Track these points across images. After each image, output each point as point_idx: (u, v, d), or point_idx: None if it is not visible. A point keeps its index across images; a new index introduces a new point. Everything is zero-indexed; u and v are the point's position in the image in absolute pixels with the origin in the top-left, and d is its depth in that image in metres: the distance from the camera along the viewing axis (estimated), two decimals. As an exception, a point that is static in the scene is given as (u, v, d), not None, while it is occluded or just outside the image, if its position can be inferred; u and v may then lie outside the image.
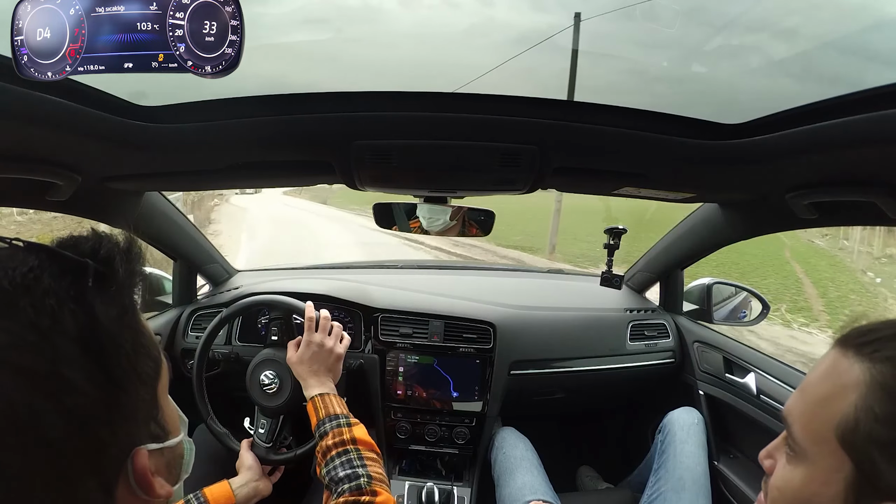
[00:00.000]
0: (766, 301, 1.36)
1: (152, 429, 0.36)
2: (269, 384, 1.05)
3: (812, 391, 0.44)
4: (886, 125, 0.51)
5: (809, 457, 0.42)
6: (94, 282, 0.32)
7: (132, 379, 0.33)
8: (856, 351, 0.41)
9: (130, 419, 0.33)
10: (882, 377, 0.38)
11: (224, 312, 1.11)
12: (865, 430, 0.38)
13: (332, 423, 0.80)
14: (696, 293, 1.46)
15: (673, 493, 1.01)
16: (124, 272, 0.35)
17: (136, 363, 0.34)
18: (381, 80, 0.64)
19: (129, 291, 0.36)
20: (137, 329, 0.35)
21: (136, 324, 0.36)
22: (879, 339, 0.40)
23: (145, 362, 0.35)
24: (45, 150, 0.66)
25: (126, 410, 0.33)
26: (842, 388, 0.40)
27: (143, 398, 0.35)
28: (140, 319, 0.36)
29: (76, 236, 0.36)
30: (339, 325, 1.00)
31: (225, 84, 0.44)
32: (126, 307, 0.34)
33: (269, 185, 1.10)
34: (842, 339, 0.43)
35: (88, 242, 0.35)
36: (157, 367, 0.37)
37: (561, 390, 1.44)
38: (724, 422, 1.29)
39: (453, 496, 1.27)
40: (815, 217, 0.79)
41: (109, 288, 0.33)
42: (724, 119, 0.68)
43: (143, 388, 0.35)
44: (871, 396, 0.38)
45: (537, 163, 0.73)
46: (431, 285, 1.51)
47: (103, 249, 0.35)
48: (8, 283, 0.29)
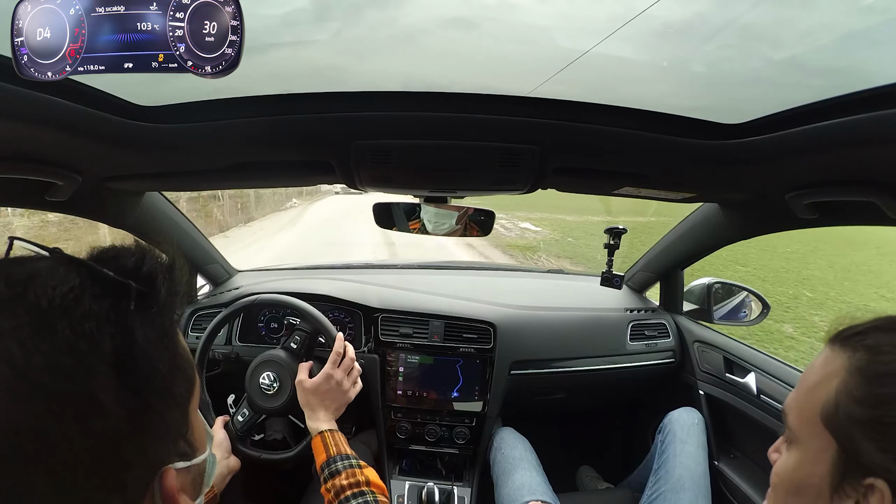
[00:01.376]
0: (766, 301, 1.36)
1: (181, 447, 0.35)
2: (268, 385, 1.05)
3: (804, 382, 0.48)
4: (886, 125, 0.51)
5: (801, 441, 0.46)
6: (136, 303, 0.31)
7: (165, 401, 0.33)
8: (841, 344, 0.45)
9: (160, 440, 0.33)
10: (860, 363, 0.42)
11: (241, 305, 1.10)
12: (845, 411, 0.42)
13: (344, 463, 0.79)
14: (696, 293, 1.46)
15: (673, 493, 1.01)
16: (166, 292, 0.34)
17: (171, 385, 0.33)
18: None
19: (171, 312, 0.35)
20: (175, 351, 0.35)
21: (175, 345, 0.35)
22: (862, 331, 0.44)
23: (180, 383, 0.35)
24: (45, 150, 0.66)
25: (156, 432, 0.32)
26: (826, 376, 0.44)
27: (175, 418, 0.34)
28: (179, 340, 0.36)
29: (118, 248, 0.35)
30: (359, 368, 0.99)
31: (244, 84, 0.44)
32: (166, 330, 0.33)
33: (269, 185, 1.10)
34: (833, 335, 0.47)
35: (132, 257, 0.34)
36: (191, 386, 0.37)
37: (561, 390, 1.44)
38: (724, 422, 1.29)
39: (453, 496, 1.27)
40: (814, 217, 0.79)
41: (150, 309, 0.32)
42: (724, 119, 0.68)
43: (175, 410, 0.34)
44: (851, 380, 0.42)
45: (537, 163, 0.73)
46: (431, 285, 1.51)
47: (146, 266, 0.34)
48: (47, 303, 0.28)
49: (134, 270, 0.33)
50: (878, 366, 0.41)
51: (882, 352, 0.42)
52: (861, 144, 0.56)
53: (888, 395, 0.40)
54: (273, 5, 0.55)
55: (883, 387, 0.40)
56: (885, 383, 0.40)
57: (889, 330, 0.43)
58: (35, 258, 0.32)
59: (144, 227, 1.12)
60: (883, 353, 0.41)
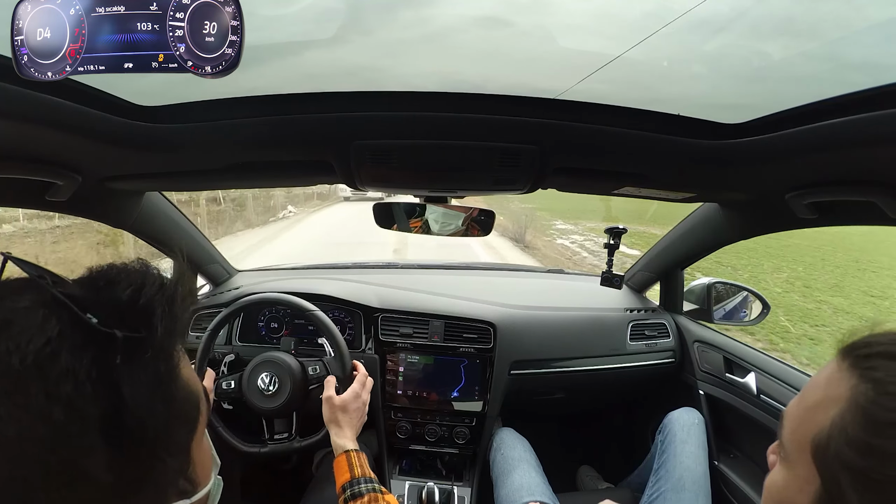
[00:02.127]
0: (766, 301, 1.36)
1: (181, 486, 0.33)
2: (267, 386, 1.04)
3: (807, 397, 0.43)
4: (886, 125, 0.51)
5: (791, 462, 0.43)
6: (123, 354, 0.28)
7: (159, 455, 0.30)
8: (852, 364, 0.40)
9: (154, 489, 0.30)
10: (863, 399, 0.37)
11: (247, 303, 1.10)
12: (835, 449, 0.37)
13: (367, 486, 0.79)
14: (696, 293, 1.46)
15: (673, 493, 1.01)
16: (164, 332, 0.30)
17: (167, 438, 0.30)
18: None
19: (171, 354, 0.31)
20: (174, 396, 0.31)
21: (174, 391, 0.31)
22: (875, 354, 0.39)
23: (178, 431, 0.32)
24: (45, 150, 0.66)
25: (150, 485, 0.30)
26: (827, 400, 0.40)
27: (171, 467, 0.32)
28: (179, 380, 0.32)
29: (116, 271, 0.31)
30: (371, 380, 1.01)
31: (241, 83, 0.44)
32: (161, 376, 0.30)
33: (269, 185, 1.10)
34: (846, 347, 0.42)
35: (128, 287, 0.30)
36: (194, 424, 0.34)
37: (561, 390, 1.44)
38: (725, 422, 1.29)
39: (453, 496, 1.27)
40: (814, 217, 0.79)
41: (143, 356, 0.29)
42: (724, 119, 0.68)
43: (171, 458, 0.31)
44: (849, 416, 0.37)
45: (537, 163, 0.73)
46: (431, 285, 1.51)
47: (143, 298, 0.30)
48: (19, 361, 0.25)
49: (128, 305, 0.29)
50: (881, 411, 0.36)
51: (889, 392, 0.36)
52: (861, 144, 0.56)
53: (884, 450, 0.35)
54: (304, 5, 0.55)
55: (880, 437, 0.35)
56: (884, 434, 0.35)
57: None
58: (14, 294, 0.28)
59: (144, 227, 1.12)
60: (890, 396, 0.36)
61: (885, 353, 0.38)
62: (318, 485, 1.14)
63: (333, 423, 0.91)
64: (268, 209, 13.68)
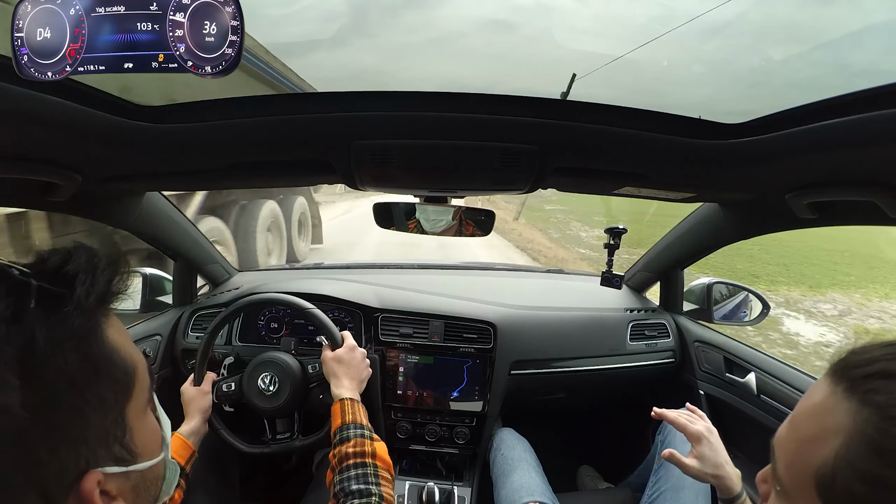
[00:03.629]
0: (766, 300, 1.36)
1: (116, 451, 0.35)
2: (267, 386, 1.04)
3: (800, 426, 0.40)
4: (886, 125, 0.51)
5: (791, 497, 0.40)
6: (39, 303, 0.31)
7: (77, 405, 0.32)
8: (848, 387, 0.37)
9: (78, 443, 0.32)
10: (869, 427, 0.34)
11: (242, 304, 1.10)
12: (843, 484, 0.34)
13: (356, 431, 0.79)
14: (696, 293, 1.46)
15: (673, 493, 1.01)
16: (82, 292, 0.33)
17: (85, 389, 0.32)
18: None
19: (90, 313, 0.34)
20: (93, 352, 0.33)
21: (94, 346, 0.34)
22: (873, 375, 0.36)
23: (102, 388, 0.34)
24: (45, 150, 0.66)
25: (71, 434, 0.32)
26: (825, 431, 0.36)
27: (98, 423, 0.34)
28: (102, 341, 0.34)
29: (54, 250, 0.35)
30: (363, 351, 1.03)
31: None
32: (76, 330, 0.32)
33: (269, 185, 1.10)
34: (837, 367, 0.39)
35: (57, 257, 0.34)
36: (125, 389, 0.36)
37: (561, 390, 1.44)
38: (725, 422, 1.29)
39: (454, 496, 1.27)
40: (814, 217, 0.79)
41: (62, 309, 0.32)
42: (724, 119, 0.68)
43: (97, 414, 0.33)
44: (854, 448, 0.34)
45: (537, 163, 0.73)
46: (431, 285, 1.51)
47: (70, 265, 0.34)
48: None
49: (55, 270, 0.33)
50: (887, 439, 0.33)
51: (893, 417, 0.34)
52: (861, 144, 0.56)
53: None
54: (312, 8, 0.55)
55: (891, 468, 0.33)
56: (895, 464, 0.33)
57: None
58: None
59: (144, 227, 1.12)
60: (894, 421, 0.34)
61: (884, 372, 0.35)
62: (317, 485, 1.14)
63: (332, 376, 0.94)
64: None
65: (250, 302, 1.10)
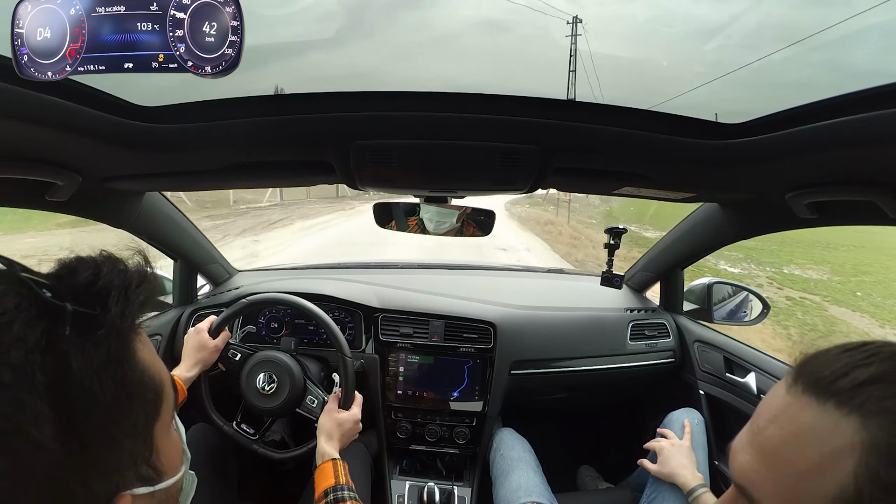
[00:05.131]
0: (766, 301, 1.36)
1: (143, 472, 0.34)
2: (266, 386, 1.04)
3: (790, 460, 0.36)
4: (886, 125, 0.51)
5: None
6: (74, 328, 0.29)
7: (112, 433, 0.31)
8: (838, 403, 0.34)
9: (109, 470, 0.31)
10: (879, 437, 0.32)
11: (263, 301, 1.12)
12: (872, 501, 0.32)
13: (350, 493, 0.83)
14: (696, 293, 1.46)
15: (671, 492, 1.01)
16: (117, 313, 0.31)
17: (120, 416, 0.31)
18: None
19: (124, 334, 0.32)
20: (127, 377, 0.32)
21: (127, 371, 0.32)
22: (862, 383, 0.34)
23: (136, 411, 0.32)
24: (45, 150, 0.66)
25: (102, 464, 0.30)
26: (832, 456, 0.34)
27: (129, 447, 0.32)
28: (135, 364, 0.33)
29: (81, 261, 0.33)
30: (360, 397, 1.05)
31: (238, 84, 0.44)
32: (112, 355, 0.31)
33: (269, 185, 1.10)
34: (808, 383, 0.36)
35: (87, 272, 0.32)
36: (153, 409, 0.34)
37: (561, 390, 1.44)
38: (725, 422, 1.29)
39: (454, 496, 1.27)
40: (815, 217, 0.79)
41: (96, 332, 0.30)
42: (724, 119, 0.68)
43: (128, 440, 0.32)
44: (875, 461, 0.32)
45: (538, 163, 0.73)
46: (431, 285, 1.51)
47: (101, 281, 0.31)
48: None
49: (86, 287, 0.31)
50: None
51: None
52: (861, 144, 0.56)
53: None
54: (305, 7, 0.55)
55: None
56: None
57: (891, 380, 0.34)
58: None
59: (144, 227, 1.12)
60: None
61: (867, 380, 0.34)
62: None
63: (327, 433, 0.95)
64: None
65: (252, 301, 1.10)
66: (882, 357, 0.35)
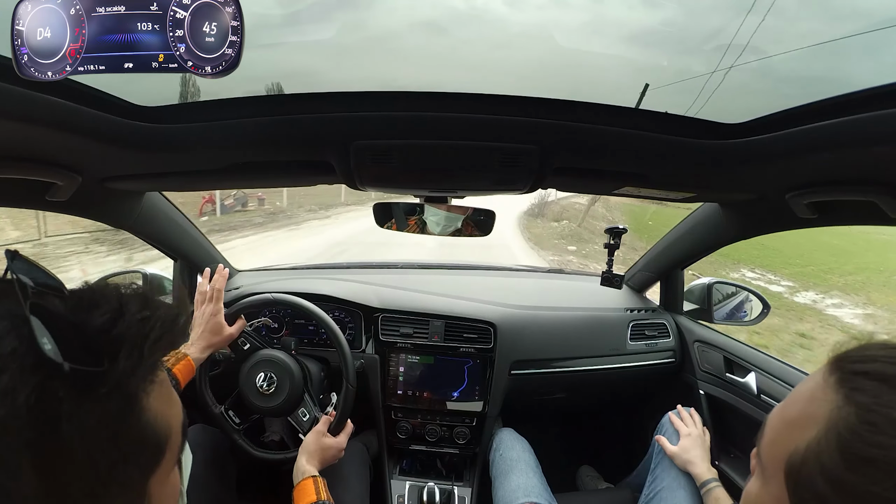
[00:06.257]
0: (766, 301, 1.36)
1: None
2: (265, 386, 1.04)
3: (787, 408, 0.40)
4: (886, 125, 0.51)
5: (766, 476, 0.40)
6: (72, 386, 0.26)
7: (99, 493, 0.28)
8: (839, 380, 0.36)
9: None
10: (844, 426, 0.33)
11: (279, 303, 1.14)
12: (808, 476, 0.34)
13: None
14: (696, 293, 1.46)
15: (669, 492, 1.01)
16: (126, 369, 0.28)
17: (111, 476, 0.28)
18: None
19: (127, 391, 0.29)
20: (126, 436, 0.29)
21: (128, 429, 0.29)
22: (867, 373, 0.35)
23: (129, 470, 0.29)
24: (45, 151, 0.67)
25: None
26: (807, 418, 0.36)
27: (123, 503, 0.30)
28: (139, 418, 0.29)
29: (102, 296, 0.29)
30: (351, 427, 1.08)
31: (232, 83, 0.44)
32: (112, 415, 0.28)
33: (269, 185, 1.10)
34: (838, 357, 0.38)
35: (104, 314, 0.28)
36: (152, 464, 0.31)
37: (561, 390, 1.44)
38: (725, 421, 1.29)
39: (454, 496, 1.27)
40: (815, 217, 0.79)
41: (97, 389, 0.27)
42: (725, 119, 0.68)
43: (118, 497, 0.29)
44: (825, 443, 0.34)
45: (537, 163, 0.73)
46: (432, 285, 1.51)
47: (117, 329, 0.28)
48: None
49: (99, 333, 0.28)
50: (859, 444, 0.32)
51: (871, 422, 0.32)
52: (861, 144, 0.56)
53: (858, 489, 0.32)
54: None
55: (855, 474, 0.32)
56: (861, 472, 0.32)
57: (894, 385, 0.34)
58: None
59: (144, 227, 1.12)
60: (872, 426, 0.32)
61: (878, 374, 0.34)
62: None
63: (309, 453, 0.97)
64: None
65: (253, 302, 1.10)
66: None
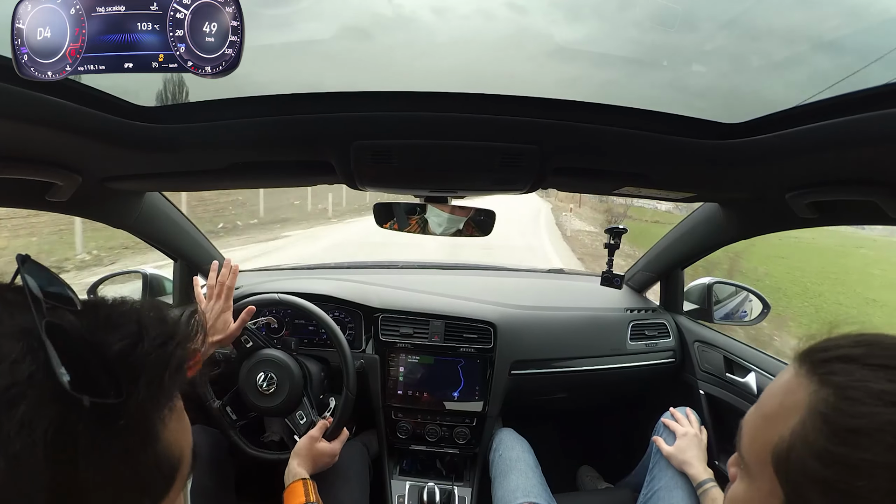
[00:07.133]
0: (766, 300, 1.36)
1: None
2: (265, 385, 1.04)
3: (763, 405, 0.41)
4: (886, 125, 0.51)
5: (751, 475, 0.40)
6: (90, 419, 0.24)
7: None
8: (810, 369, 0.38)
9: None
10: (825, 405, 0.35)
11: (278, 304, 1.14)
12: (798, 461, 0.35)
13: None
14: (696, 293, 1.46)
15: (667, 492, 1.01)
16: (145, 399, 0.27)
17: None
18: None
19: (145, 422, 0.27)
20: (141, 467, 0.28)
21: (143, 459, 0.28)
22: (835, 358, 0.37)
23: (143, 500, 0.29)
24: (45, 151, 0.66)
25: None
26: (785, 409, 0.37)
27: None
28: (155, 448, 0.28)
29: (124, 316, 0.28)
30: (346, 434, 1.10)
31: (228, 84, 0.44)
32: (129, 449, 0.26)
33: (269, 185, 1.10)
34: (803, 352, 0.40)
35: (124, 339, 0.27)
36: (165, 489, 0.30)
37: (562, 390, 1.44)
38: (724, 422, 1.29)
39: (454, 496, 1.27)
40: (815, 217, 0.79)
41: (116, 422, 0.25)
42: (725, 119, 0.68)
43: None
44: (810, 424, 0.35)
45: (538, 163, 0.73)
46: (432, 285, 1.51)
47: (136, 354, 0.27)
48: None
49: (118, 358, 0.26)
50: (843, 417, 0.34)
51: (850, 398, 0.34)
52: (861, 144, 0.56)
53: (851, 459, 0.33)
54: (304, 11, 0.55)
55: (844, 446, 0.33)
56: (849, 442, 0.33)
57: (864, 363, 0.35)
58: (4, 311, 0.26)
59: (144, 227, 1.12)
60: (852, 401, 0.34)
61: (845, 357, 0.36)
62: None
63: (301, 457, 0.97)
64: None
65: (255, 301, 1.10)
66: (865, 342, 0.37)
